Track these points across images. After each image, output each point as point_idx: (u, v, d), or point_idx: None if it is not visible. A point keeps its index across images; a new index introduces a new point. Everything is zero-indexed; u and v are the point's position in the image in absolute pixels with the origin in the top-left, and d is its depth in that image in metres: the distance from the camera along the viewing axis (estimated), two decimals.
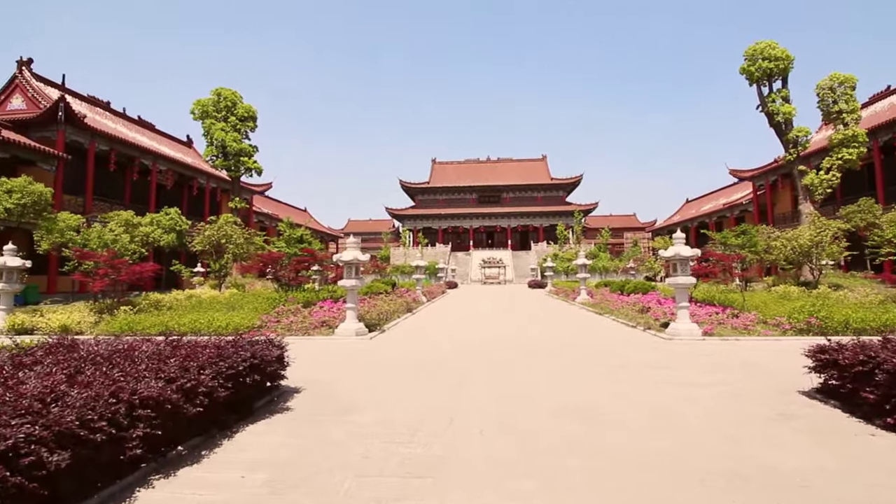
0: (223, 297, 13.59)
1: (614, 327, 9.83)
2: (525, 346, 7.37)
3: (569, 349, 7.16)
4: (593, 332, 9.20)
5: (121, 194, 27.53)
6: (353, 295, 8.77)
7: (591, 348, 7.25)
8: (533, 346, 7.47)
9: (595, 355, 6.64)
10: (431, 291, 21.01)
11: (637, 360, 6.28)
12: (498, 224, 62.48)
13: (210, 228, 15.52)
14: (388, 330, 9.61)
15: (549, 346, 7.38)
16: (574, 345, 7.60)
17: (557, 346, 7.39)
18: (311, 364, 6.19)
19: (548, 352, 6.85)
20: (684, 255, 8.28)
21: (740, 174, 39.08)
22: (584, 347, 7.34)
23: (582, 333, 8.98)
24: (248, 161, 21.33)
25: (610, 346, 7.49)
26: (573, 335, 8.70)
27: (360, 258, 8.67)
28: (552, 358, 6.40)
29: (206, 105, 20.73)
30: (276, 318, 9.76)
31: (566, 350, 7.08)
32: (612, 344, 7.68)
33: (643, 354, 6.68)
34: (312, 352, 7.13)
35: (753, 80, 18.86)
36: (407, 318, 12.12)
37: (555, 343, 7.75)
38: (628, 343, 7.76)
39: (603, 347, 7.34)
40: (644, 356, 6.54)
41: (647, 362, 6.10)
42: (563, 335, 8.70)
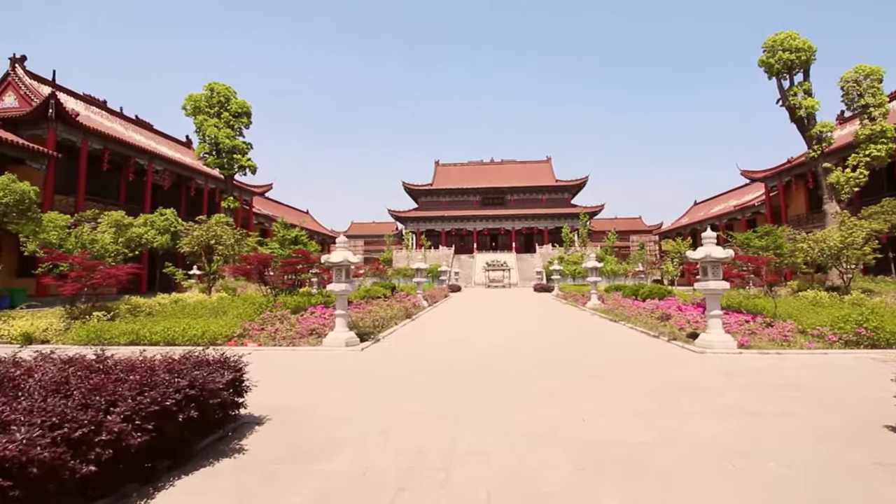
0: (210, 302, 12.72)
1: (634, 337, 8.85)
2: (537, 361, 6.41)
3: (588, 365, 6.21)
4: (612, 342, 8.22)
5: (115, 195, 26.84)
6: (342, 300, 7.85)
7: (613, 364, 6.28)
8: (546, 360, 6.51)
9: (621, 373, 5.68)
10: (433, 295, 20.08)
11: (673, 379, 5.31)
12: (502, 226, 61.53)
13: (199, 229, 14.69)
14: (382, 339, 8.68)
15: (565, 362, 6.42)
16: (593, 359, 6.64)
17: (574, 361, 6.43)
18: (288, 382, 5.27)
19: (564, 369, 5.90)
20: (716, 257, 7.31)
21: (752, 175, 37.97)
22: (605, 362, 6.37)
23: (599, 345, 8.01)
24: (242, 159, 20.51)
25: (635, 360, 6.52)
26: (590, 347, 7.73)
27: (350, 259, 7.77)
28: (570, 377, 5.44)
29: (198, 100, 19.96)
30: (260, 326, 8.88)
31: (585, 366, 6.12)
32: (637, 358, 6.71)
33: (678, 372, 5.71)
34: (292, 366, 6.21)
35: (773, 73, 17.86)
36: (405, 324, 11.19)
37: (571, 357, 6.80)
38: (655, 357, 6.79)
39: (627, 362, 6.37)
40: (679, 374, 5.57)
41: (686, 383, 5.14)
42: (579, 346, 7.74)
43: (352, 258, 7.80)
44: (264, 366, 6.22)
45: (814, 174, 32.81)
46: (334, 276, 7.87)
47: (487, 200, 64.33)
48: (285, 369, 6.05)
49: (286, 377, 5.58)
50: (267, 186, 40.57)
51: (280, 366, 6.27)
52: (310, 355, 7.08)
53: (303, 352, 7.41)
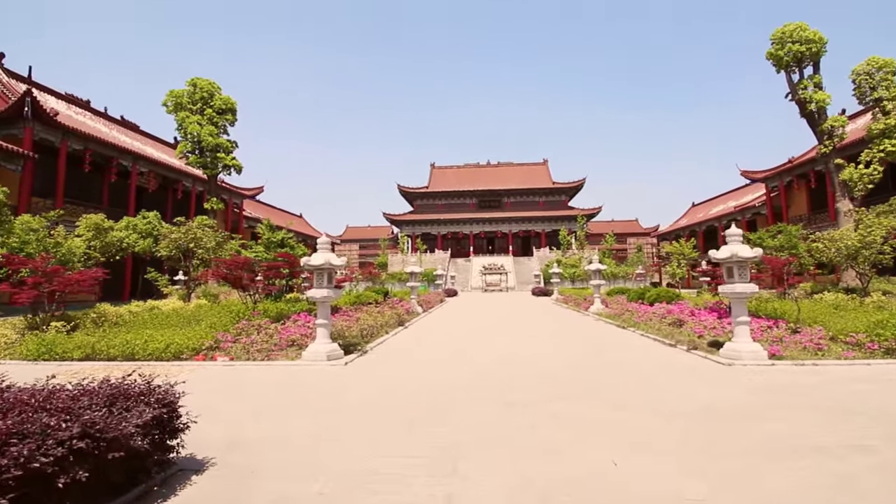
0: (187, 310, 11.80)
1: (649, 347, 8.03)
2: (544, 378, 5.57)
3: (606, 383, 5.37)
4: (626, 353, 7.39)
5: (98, 197, 25.85)
6: (324, 309, 6.98)
7: (634, 381, 5.45)
8: (554, 376, 5.67)
9: (645, 393, 4.85)
10: (428, 300, 19.22)
11: (706, 400, 4.48)
12: (499, 229, 60.79)
13: (177, 231, 13.77)
14: (370, 351, 7.80)
15: (577, 378, 5.58)
16: (609, 375, 5.80)
17: (588, 377, 5.59)
18: (251, 408, 4.39)
19: (578, 390, 5.05)
20: (744, 257, 6.51)
21: (752, 175, 37.47)
22: (623, 379, 5.53)
23: (612, 355, 7.17)
24: (226, 157, 19.57)
25: (657, 376, 5.68)
26: (602, 359, 6.89)
27: (333, 263, 6.91)
28: (589, 401, 4.59)
29: (179, 96, 19.03)
30: (234, 337, 7.99)
31: (603, 385, 5.28)
32: (659, 372, 5.88)
33: (709, 390, 4.88)
34: (262, 386, 5.33)
35: (782, 66, 17.21)
36: (397, 333, 10.31)
37: (582, 371, 5.96)
38: (678, 371, 5.96)
39: (649, 379, 5.53)
40: (712, 393, 4.74)
41: (722, 405, 4.31)
42: (590, 358, 6.90)
43: (335, 261, 6.95)
44: (230, 385, 5.35)
45: (817, 173, 32.38)
46: (315, 282, 7.01)
47: (484, 203, 63.61)
48: (252, 390, 5.17)
49: (251, 400, 4.70)
50: (258, 189, 39.62)
51: (248, 385, 5.39)
52: (285, 371, 6.20)
53: (278, 367, 6.52)
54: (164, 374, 6.18)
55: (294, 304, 11.56)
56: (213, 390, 5.14)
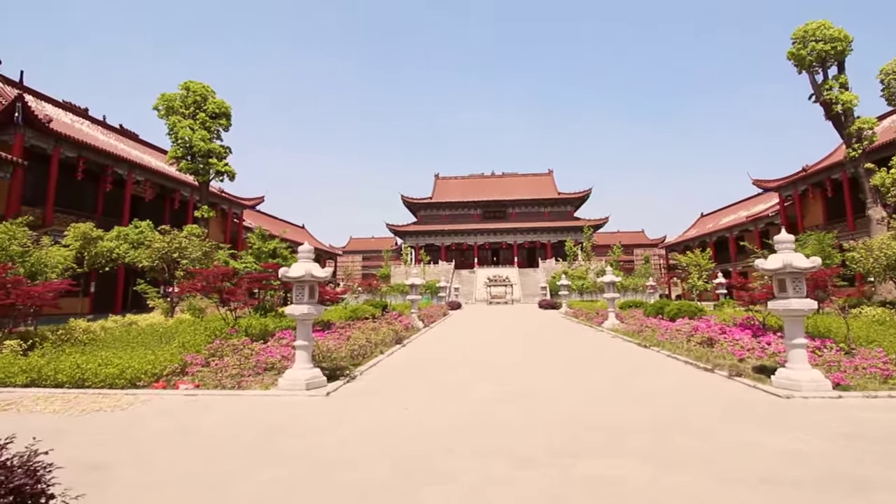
0: (166, 326, 10.86)
1: (681, 372, 6.95)
2: (564, 421, 4.52)
3: (639, 425, 4.32)
4: (656, 381, 6.32)
5: (92, 206, 25.17)
6: (305, 328, 6.00)
7: (675, 422, 4.39)
8: (575, 416, 4.63)
9: (695, 440, 3.79)
10: (430, 314, 18.18)
11: (781, 453, 3.43)
12: (504, 240, 59.82)
13: (160, 240, 12.89)
14: (359, 376, 6.78)
15: (604, 421, 4.52)
16: (643, 413, 4.74)
17: (617, 419, 4.54)
18: (184, 470, 3.37)
19: (606, 437, 4.00)
20: (800, 267, 5.49)
21: (765, 185, 36.40)
22: (662, 419, 4.47)
23: (641, 385, 6.10)
24: (219, 164, 18.78)
25: (703, 413, 4.61)
26: (631, 390, 5.83)
27: (315, 274, 5.94)
28: (622, 456, 3.55)
29: (171, 100, 18.34)
30: (206, 359, 7.01)
31: (637, 428, 4.23)
32: (703, 408, 4.80)
33: (779, 438, 3.82)
34: (215, 429, 4.32)
35: (804, 67, 16.30)
36: (393, 352, 9.29)
37: (609, 410, 4.90)
38: (726, 406, 4.89)
39: (694, 418, 4.47)
40: (786, 444, 3.68)
41: (809, 464, 3.25)
42: (617, 390, 5.83)
43: (317, 272, 5.98)
44: (173, 427, 4.33)
45: (833, 182, 31.26)
46: (294, 296, 6.04)
47: (488, 214, 62.77)
48: (203, 435, 4.16)
49: (191, 455, 3.69)
50: (258, 199, 38.97)
51: (198, 428, 4.38)
52: (253, 405, 5.19)
53: (247, 399, 5.52)
54: (112, 405, 5.22)
55: (282, 320, 10.58)
56: (145, 435, 4.14)
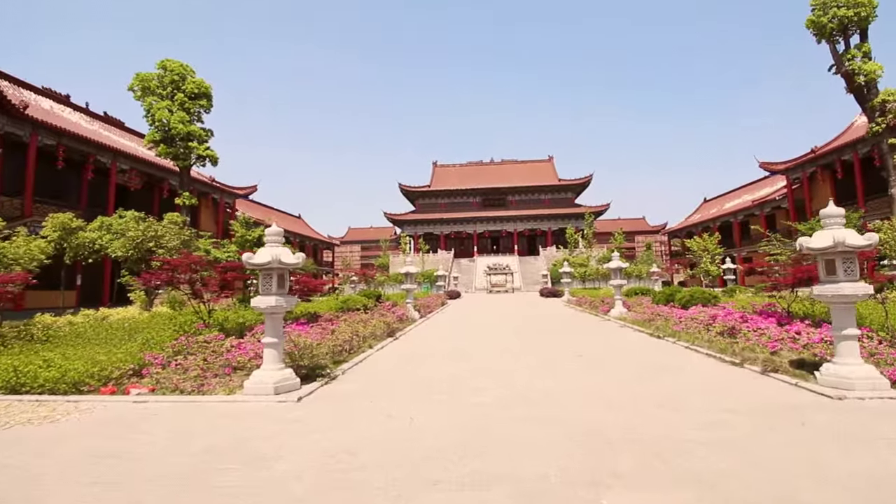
0: (139, 320, 10.08)
1: (706, 366, 6.15)
2: (586, 433, 3.71)
3: (672, 434, 3.51)
4: (681, 378, 5.52)
5: (74, 196, 24.25)
6: (274, 322, 5.18)
7: (715, 432, 3.58)
8: (593, 427, 3.82)
9: (745, 457, 2.98)
10: (428, 304, 17.40)
11: (865, 475, 2.62)
12: (503, 228, 58.91)
13: (134, 228, 12.02)
14: (340, 376, 5.98)
15: (633, 434, 3.71)
16: (672, 420, 3.93)
17: (643, 430, 3.73)
18: None
19: (633, 458, 3.19)
20: (854, 245, 4.64)
21: (772, 167, 35.40)
22: (697, 427, 3.66)
23: (664, 384, 5.30)
24: (200, 147, 17.77)
25: (757, 425, 3.79)
26: (653, 391, 5.01)
27: (284, 261, 5.10)
28: (654, 482, 2.75)
29: (147, 80, 17.24)
30: (169, 358, 6.21)
31: (670, 440, 3.42)
32: (755, 419, 3.97)
33: (871, 461, 3.01)
34: (149, 451, 3.50)
35: (824, 35, 15.24)
36: (384, 346, 8.49)
37: (635, 418, 4.09)
38: (776, 412, 4.08)
39: (748, 431, 3.65)
40: (861, 464, 2.87)
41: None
42: (638, 392, 5.02)
43: (287, 258, 5.14)
44: (105, 451, 3.50)
45: (843, 163, 30.27)
46: (260, 286, 5.20)
47: (488, 201, 61.74)
48: (124, 466, 3.35)
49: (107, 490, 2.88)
50: (251, 188, 37.97)
51: (130, 452, 3.57)
52: (206, 416, 4.38)
53: (203, 407, 4.71)
54: (44, 416, 4.42)
55: None
56: (60, 462, 3.34)
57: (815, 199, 32.89)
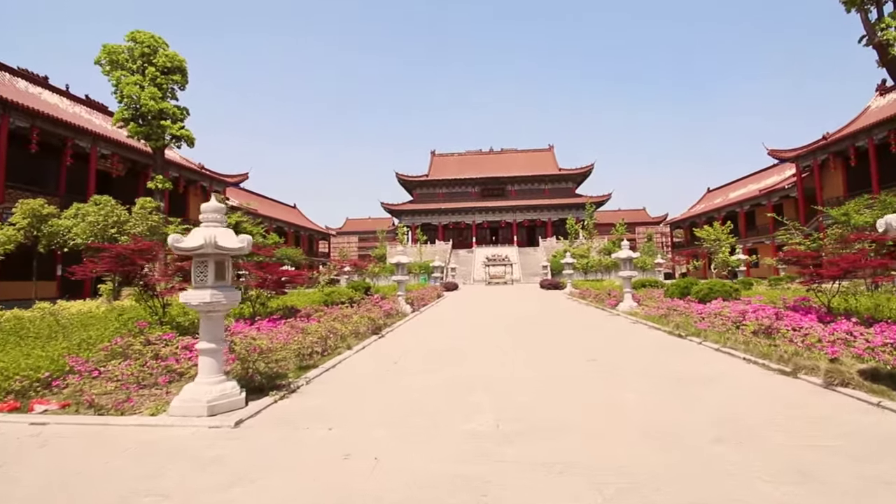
0: (95, 315, 9.00)
1: (748, 375, 5.08)
2: (627, 486, 2.64)
3: (730, 479, 2.42)
4: (720, 392, 4.45)
5: (53, 183, 23.04)
6: (212, 324, 4.08)
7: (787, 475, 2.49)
8: (643, 476, 2.75)
9: None
10: (422, 297, 16.33)
11: None
12: (503, 219, 57.73)
13: (94, 213, 10.87)
14: (304, 386, 4.90)
15: (690, 485, 2.63)
16: (755, 466, 2.85)
17: (709, 483, 2.65)
18: None
19: None
20: None
21: (781, 154, 34.18)
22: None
23: (706, 401, 4.23)
24: (174, 126, 16.49)
25: (862, 475, 2.71)
26: (697, 413, 3.93)
27: (223, 245, 3.98)
28: None
29: (116, 52, 15.88)
30: (98, 363, 5.12)
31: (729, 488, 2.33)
32: (856, 466, 2.89)
33: None
34: None
35: (854, 3, 14.00)
36: (366, 346, 7.42)
37: (683, 454, 3.02)
38: (879, 449, 3.00)
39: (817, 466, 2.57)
40: None
41: None
42: (677, 414, 3.95)
43: (226, 241, 4.02)
44: None
45: (857, 149, 29.06)
46: (193, 277, 4.09)
47: (487, 191, 60.45)
48: None
49: None
50: (242, 176, 36.68)
51: None
52: (109, 448, 3.29)
53: (112, 432, 3.63)
54: None
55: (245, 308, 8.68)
56: None
57: (826, 187, 31.74)
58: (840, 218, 10.19)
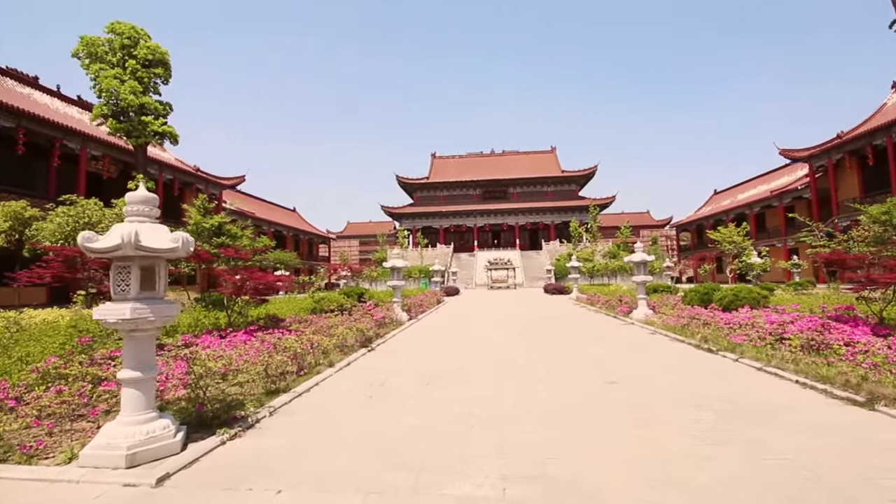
0: (61, 324, 8.16)
1: (817, 408, 4.15)
2: None
3: None
4: (798, 437, 3.53)
5: (42, 185, 22.31)
6: (138, 346, 3.21)
7: None
8: None
9: None
10: (420, 303, 15.44)
11: None
12: (505, 221, 56.83)
13: (63, 214, 10.06)
14: (265, 419, 4.01)
15: None
16: None
17: None
18: None
19: None
20: None
21: (794, 154, 33.19)
22: None
23: (783, 452, 3.32)
24: (155, 123, 15.65)
25: None
26: (774, 470, 3.03)
27: (148, 244, 3.11)
28: None
29: (95, 44, 15.07)
30: (28, 388, 4.27)
31: None
32: None
33: None
34: None
35: None
36: (351, 363, 6.52)
37: None
38: None
39: None
40: None
41: None
42: (745, 475, 3.05)
43: (153, 240, 3.16)
44: None
45: (874, 147, 28.05)
46: (112, 286, 3.21)
47: (488, 194, 59.63)
48: None
49: None
50: (238, 178, 35.95)
51: None
52: None
53: (2, 488, 2.75)
54: None
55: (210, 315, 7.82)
56: None
57: (841, 188, 30.70)
58: (880, 217, 9.28)
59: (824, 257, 7.09)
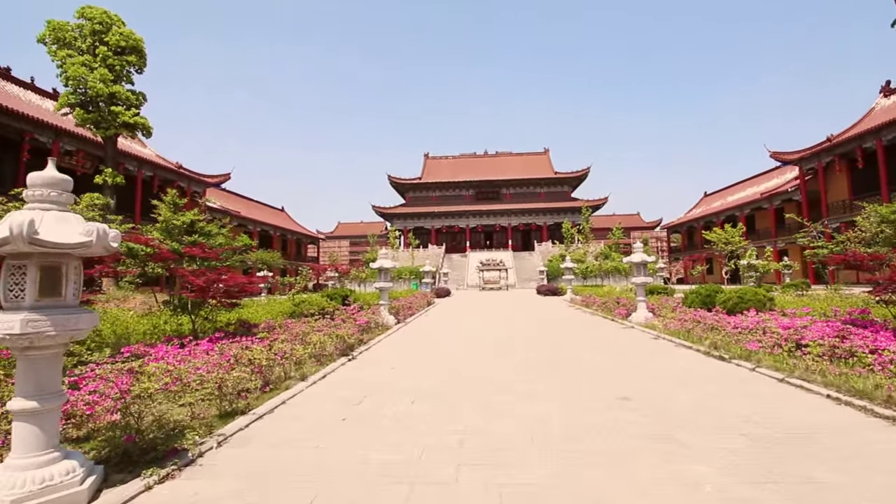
0: None
1: (856, 427, 3.59)
2: None
3: None
4: (842, 470, 2.96)
5: (10, 182, 21.18)
6: (36, 367, 2.51)
7: None
8: None
9: None
10: (409, 305, 14.78)
11: None
12: (497, 222, 56.38)
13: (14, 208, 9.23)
14: (210, 452, 3.32)
15: None
16: None
17: None
18: None
19: None
20: None
21: (784, 157, 33.20)
22: None
23: (833, 489, 2.72)
24: (127, 114, 14.72)
25: None
26: None
27: (52, 239, 2.43)
28: None
29: (63, 30, 14.08)
30: None
31: None
32: None
33: None
34: None
35: None
36: (327, 375, 5.85)
37: None
38: None
39: None
40: None
41: None
42: None
43: (59, 234, 2.48)
44: None
45: (864, 151, 28.07)
46: (2, 290, 2.52)
47: (481, 195, 59.15)
48: None
49: None
50: (223, 176, 34.92)
51: None
52: None
53: None
54: None
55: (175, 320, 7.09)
56: None
57: (830, 190, 30.73)
58: (889, 216, 8.89)
59: (839, 259, 6.60)
